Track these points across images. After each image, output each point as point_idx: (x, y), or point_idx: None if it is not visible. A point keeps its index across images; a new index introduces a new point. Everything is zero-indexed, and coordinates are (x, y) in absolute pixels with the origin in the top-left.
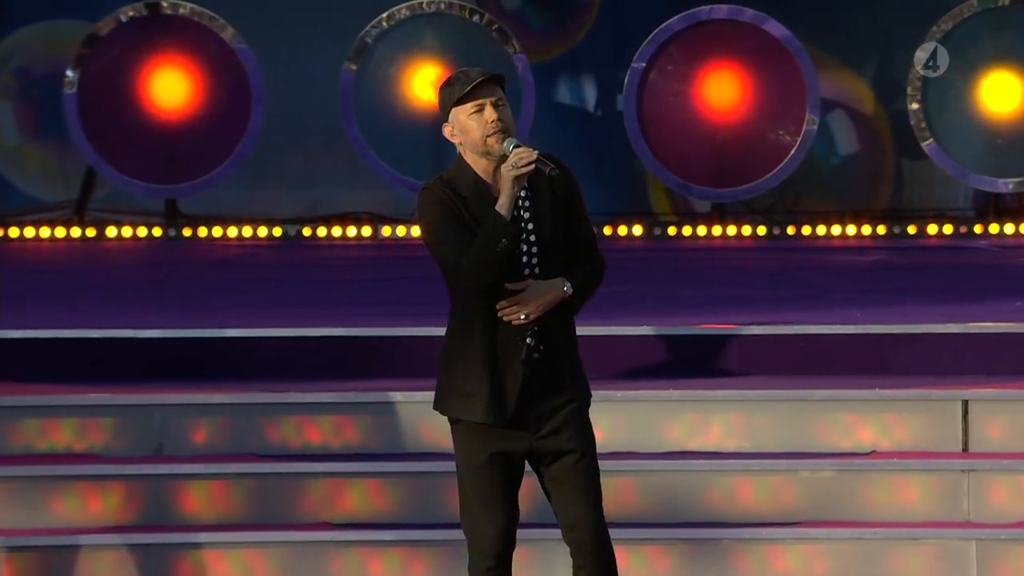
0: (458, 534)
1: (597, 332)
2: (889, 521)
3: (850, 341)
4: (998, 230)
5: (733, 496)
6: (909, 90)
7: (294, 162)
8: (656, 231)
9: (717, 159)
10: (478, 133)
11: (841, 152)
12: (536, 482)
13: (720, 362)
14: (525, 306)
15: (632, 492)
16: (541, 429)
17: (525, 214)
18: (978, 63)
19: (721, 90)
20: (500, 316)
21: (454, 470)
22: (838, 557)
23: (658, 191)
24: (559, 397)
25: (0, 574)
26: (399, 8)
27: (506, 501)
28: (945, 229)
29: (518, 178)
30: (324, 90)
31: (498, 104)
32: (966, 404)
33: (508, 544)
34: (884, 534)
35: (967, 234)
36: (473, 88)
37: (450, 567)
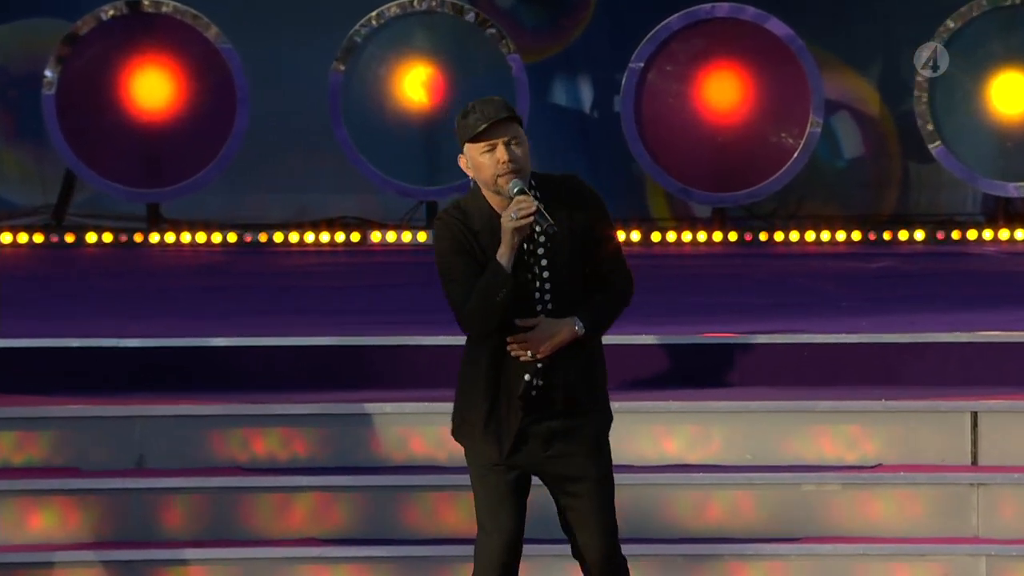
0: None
1: None
2: (895, 537)
3: (855, 350)
4: (1008, 236)
5: (735, 510)
6: (916, 91)
7: (280, 165)
8: (655, 237)
9: (717, 162)
10: (489, 172)
11: (846, 155)
12: (535, 495)
13: (721, 372)
14: (533, 345)
15: (630, 506)
16: (551, 448)
17: (539, 249)
18: (987, 63)
19: (722, 91)
20: (509, 351)
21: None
22: (843, 574)
23: (657, 196)
24: (573, 419)
25: None
26: (389, 6)
27: (513, 509)
28: (953, 235)
29: (517, 229)
30: (312, 91)
31: (511, 143)
32: (975, 415)
33: (513, 555)
34: (890, 550)
35: (976, 240)
36: (488, 127)
37: None
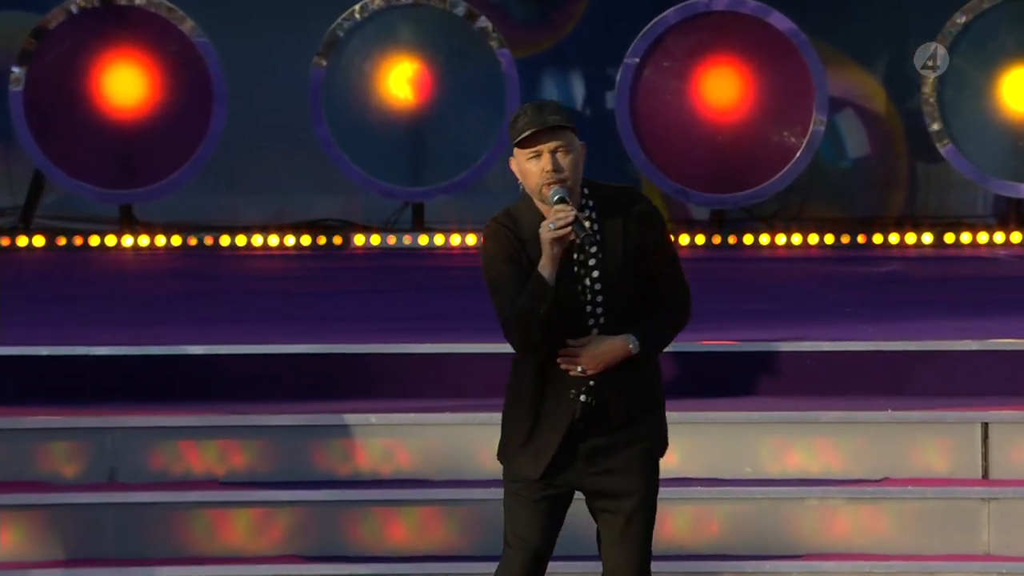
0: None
1: None
2: (902, 554)
3: (860, 359)
4: (1020, 239)
5: (734, 526)
6: (924, 87)
7: (259, 165)
8: None
9: (717, 162)
10: (534, 180)
11: (850, 155)
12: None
13: (720, 381)
14: (585, 361)
15: None
16: (596, 464)
17: (591, 261)
18: (999, 58)
19: (721, 88)
20: (559, 363)
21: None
22: None
23: (653, 197)
24: (624, 435)
25: None
26: None
27: (543, 527)
28: (963, 238)
29: (556, 240)
30: (292, 87)
31: (557, 151)
32: (986, 427)
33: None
34: (897, 568)
35: (987, 243)
36: (533, 134)
37: None
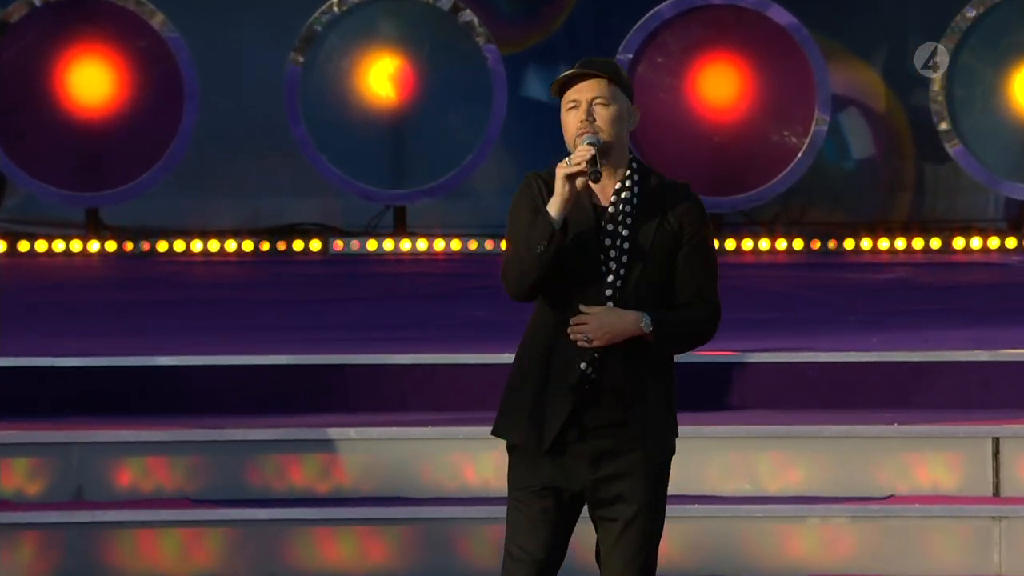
0: None
1: None
2: (910, 575)
3: (865, 370)
4: None
5: (732, 546)
6: (931, 85)
7: (232, 167)
8: None
9: (714, 163)
10: (570, 132)
11: (854, 156)
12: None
13: (718, 394)
14: (592, 329)
15: None
16: (600, 469)
17: (625, 231)
18: (1011, 54)
19: (718, 85)
20: (568, 333)
21: (415, 517)
22: None
23: None
24: (630, 440)
25: None
26: None
27: (547, 537)
28: (973, 243)
29: (569, 176)
30: (267, 85)
31: (595, 103)
32: (997, 442)
33: None
34: None
35: (998, 249)
36: (569, 80)
37: None
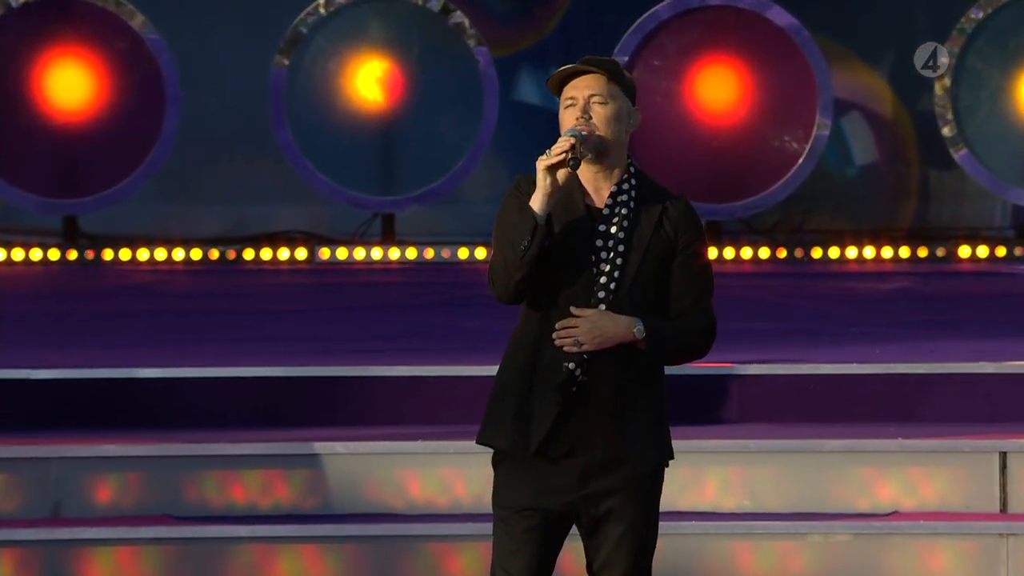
0: None
1: None
2: None
3: (868, 383)
4: None
5: (732, 564)
6: (936, 88)
7: (215, 173)
8: None
9: (712, 169)
10: (565, 129)
11: (857, 161)
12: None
13: (716, 407)
14: (582, 332)
15: None
16: (588, 486)
17: (620, 233)
18: (1018, 57)
19: (717, 89)
20: (553, 338)
21: (405, 534)
22: None
23: None
24: (619, 453)
25: None
26: None
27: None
28: (979, 252)
29: (550, 168)
30: (251, 88)
31: (593, 100)
32: (1004, 457)
33: None
34: None
35: (1005, 257)
36: (567, 77)
37: None
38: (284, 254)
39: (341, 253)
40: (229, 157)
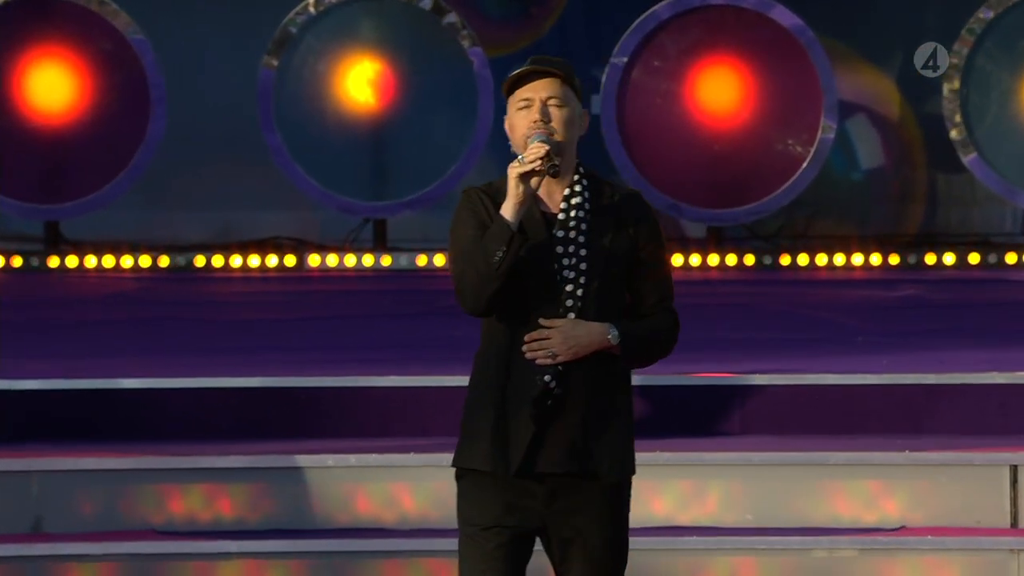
0: None
1: None
2: None
3: (874, 393)
4: None
5: None
6: (944, 90)
7: (202, 177)
8: None
9: (714, 174)
10: (519, 133)
11: (863, 165)
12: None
13: (718, 418)
14: (555, 343)
15: None
16: (554, 504)
17: (580, 237)
18: None
19: (719, 90)
20: (524, 351)
21: (396, 549)
22: None
23: None
24: (589, 467)
25: None
26: None
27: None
28: (989, 258)
29: (522, 176)
30: (239, 90)
31: (550, 102)
32: (1015, 470)
33: None
34: None
35: (1015, 264)
36: (522, 78)
37: None
38: (273, 261)
39: (331, 260)
40: (216, 161)
